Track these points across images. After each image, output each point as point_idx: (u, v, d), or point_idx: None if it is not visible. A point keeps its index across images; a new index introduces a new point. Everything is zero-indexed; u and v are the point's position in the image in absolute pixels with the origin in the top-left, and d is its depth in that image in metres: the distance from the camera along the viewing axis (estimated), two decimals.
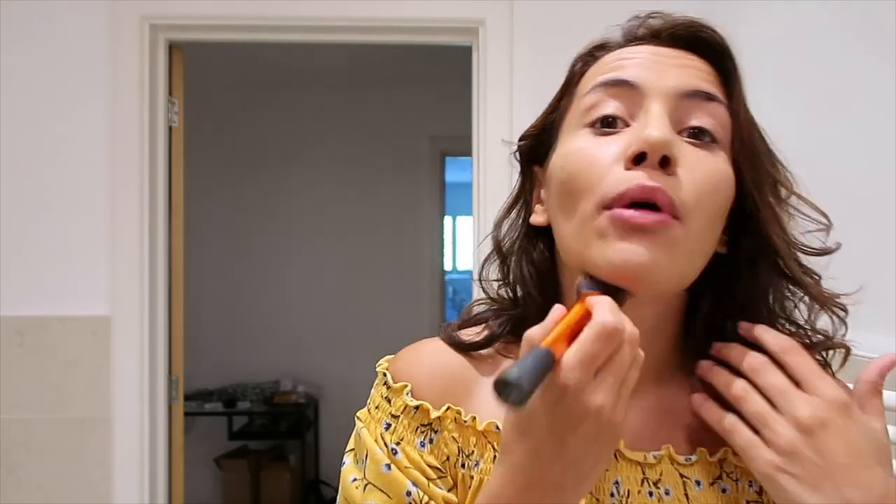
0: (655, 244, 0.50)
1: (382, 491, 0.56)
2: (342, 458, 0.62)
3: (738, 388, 0.53)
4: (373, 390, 0.62)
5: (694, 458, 0.55)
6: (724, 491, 0.55)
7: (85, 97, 1.92)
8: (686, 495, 0.54)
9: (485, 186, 1.91)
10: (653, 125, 0.51)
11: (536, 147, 0.63)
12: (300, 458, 3.82)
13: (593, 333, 0.44)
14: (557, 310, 0.48)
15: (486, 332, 0.62)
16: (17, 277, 1.90)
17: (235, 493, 3.64)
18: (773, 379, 0.52)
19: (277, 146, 3.93)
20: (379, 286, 3.90)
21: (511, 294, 0.64)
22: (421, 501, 0.56)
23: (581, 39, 0.65)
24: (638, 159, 0.50)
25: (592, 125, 0.55)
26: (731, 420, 0.53)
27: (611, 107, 0.54)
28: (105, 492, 1.90)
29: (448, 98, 3.11)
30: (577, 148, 0.54)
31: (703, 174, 0.52)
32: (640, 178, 0.50)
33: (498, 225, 0.65)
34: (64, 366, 1.90)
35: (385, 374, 0.61)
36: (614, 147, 0.52)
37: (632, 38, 0.59)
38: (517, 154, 0.64)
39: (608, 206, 0.51)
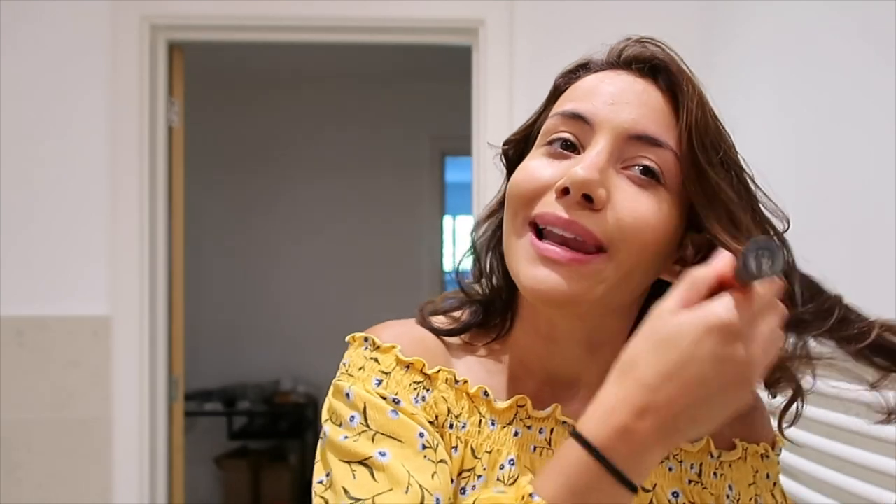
0: (572, 275, 0.55)
1: (392, 437, 0.55)
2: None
3: None
4: (348, 359, 0.62)
5: None
6: (669, 469, 0.62)
7: (85, 97, 1.92)
8: None
9: (485, 186, 1.91)
10: (584, 164, 0.55)
11: (520, 152, 0.66)
12: (300, 458, 3.82)
13: (771, 291, 0.46)
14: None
15: (461, 320, 0.67)
16: (17, 277, 1.90)
17: (235, 493, 3.65)
18: None
19: (277, 146, 3.93)
20: (379, 286, 3.89)
21: (483, 286, 0.69)
22: (434, 445, 0.56)
23: (581, 39, 0.65)
24: (565, 192, 0.55)
25: (550, 144, 0.60)
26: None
27: (567, 134, 0.59)
28: (105, 492, 1.90)
29: (448, 98, 3.11)
30: (528, 166, 0.60)
31: (631, 212, 0.55)
32: (558, 209, 0.56)
33: (479, 224, 0.70)
34: (64, 366, 1.90)
35: (367, 339, 0.62)
36: (555, 170, 0.58)
37: (611, 63, 0.62)
38: (502, 158, 0.68)
39: (533, 222, 0.57)
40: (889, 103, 1.16)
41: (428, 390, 0.60)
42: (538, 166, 0.59)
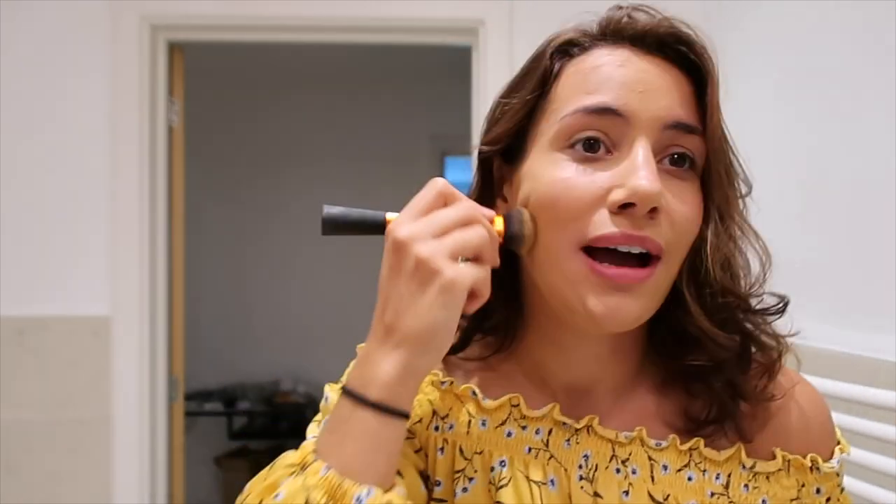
0: (642, 293, 0.52)
1: None
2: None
3: None
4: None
5: (665, 443, 0.57)
6: (689, 479, 0.56)
7: (85, 97, 1.92)
8: (652, 477, 0.56)
9: None
10: (643, 175, 0.50)
11: (508, 151, 0.61)
12: None
13: (424, 189, 0.52)
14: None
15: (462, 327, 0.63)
16: (17, 277, 1.90)
17: (235, 493, 3.60)
18: None
19: (277, 146, 3.93)
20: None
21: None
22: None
23: None
24: (625, 206, 0.50)
25: (572, 147, 0.53)
26: None
27: (593, 132, 0.53)
28: (105, 492, 1.90)
29: (448, 98, 3.10)
30: (558, 178, 0.53)
31: (683, 214, 0.52)
32: (625, 227, 0.51)
33: None
34: (64, 366, 1.90)
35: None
36: (598, 181, 0.52)
37: (610, 36, 0.57)
38: (481, 156, 0.63)
39: (587, 246, 0.52)
40: (887, 100, 1.16)
41: None
42: (573, 178, 0.52)
